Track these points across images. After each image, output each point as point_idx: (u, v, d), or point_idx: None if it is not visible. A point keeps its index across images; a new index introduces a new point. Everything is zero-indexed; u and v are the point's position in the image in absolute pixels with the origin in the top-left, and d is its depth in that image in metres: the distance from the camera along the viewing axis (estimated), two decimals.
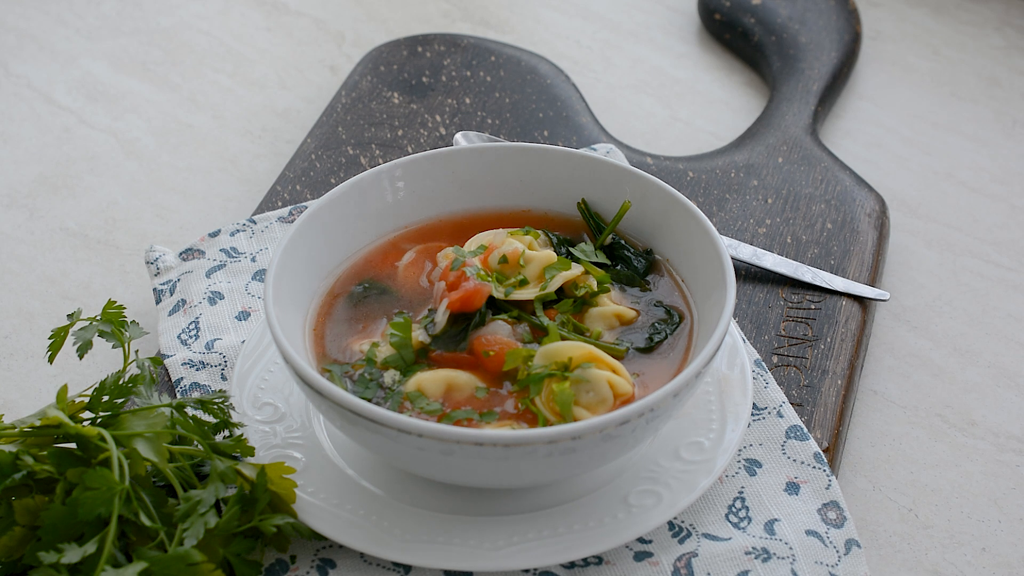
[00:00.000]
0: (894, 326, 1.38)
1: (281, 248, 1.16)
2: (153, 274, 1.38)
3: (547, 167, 1.27)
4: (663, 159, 1.52)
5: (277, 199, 1.47)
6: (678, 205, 1.21)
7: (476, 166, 1.27)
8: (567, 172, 1.26)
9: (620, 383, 1.10)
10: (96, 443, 1.06)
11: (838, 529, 1.13)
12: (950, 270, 1.45)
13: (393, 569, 1.12)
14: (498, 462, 1.03)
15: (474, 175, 1.27)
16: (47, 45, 1.78)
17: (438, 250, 1.24)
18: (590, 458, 1.05)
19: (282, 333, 1.10)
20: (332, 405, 1.05)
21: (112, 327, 1.16)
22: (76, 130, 1.65)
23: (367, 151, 1.53)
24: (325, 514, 1.11)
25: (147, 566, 1.01)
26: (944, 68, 1.73)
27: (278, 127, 1.66)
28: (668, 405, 1.06)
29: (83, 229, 1.51)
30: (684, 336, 1.17)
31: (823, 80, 1.63)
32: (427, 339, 1.16)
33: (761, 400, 1.23)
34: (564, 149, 1.26)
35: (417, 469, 1.08)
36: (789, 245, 1.40)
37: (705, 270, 1.17)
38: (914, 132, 1.64)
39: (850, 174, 1.49)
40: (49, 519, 1.02)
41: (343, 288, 1.22)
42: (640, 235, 1.25)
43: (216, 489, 1.06)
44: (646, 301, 1.20)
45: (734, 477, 1.17)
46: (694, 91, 1.70)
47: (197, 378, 1.26)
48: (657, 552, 1.12)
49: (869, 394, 1.31)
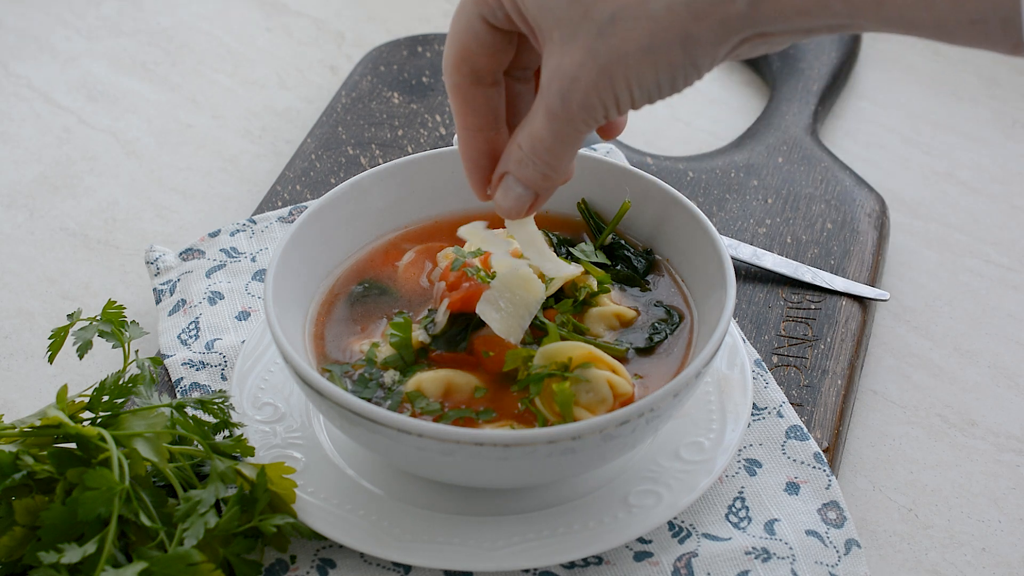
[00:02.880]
0: (894, 326, 1.38)
1: (281, 248, 1.16)
2: (153, 274, 1.38)
3: None
4: (663, 159, 1.52)
5: (277, 199, 1.47)
6: (678, 205, 1.21)
7: None
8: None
9: (620, 383, 1.10)
10: (96, 443, 1.06)
11: (838, 529, 1.13)
12: (950, 270, 1.45)
13: (393, 569, 1.12)
14: (498, 462, 1.03)
15: None
16: (47, 45, 1.78)
17: (438, 250, 1.24)
18: (590, 458, 1.05)
19: (282, 333, 1.10)
20: (332, 405, 1.05)
21: (112, 327, 1.16)
22: (76, 130, 1.65)
23: (367, 151, 1.53)
24: (325, 514, 1.11)
25: (147, 566, 1.01)
26: (944, 68, 1.73)
27: (278, 127, 1.66)
28: (668, 405, 1.06)
29: (83, 229, 1.51)
30: (684, 336, 1.17)
31: (823, 80, 1.63)
32: (427, 339, 1.16)
33: (761, 400, 1.23)
34: None
35: (417, 469, 1.08)
36: (789, 245, 1.40)
37: (705, 270, 1.17)
38: (914, 132, 1.64)
39: (850, 174, 1.49)
40: (49, 519, 1.02)
41: (343, 288, 1.22)
42: (640, 235, 1.25)
43: (216, 489, 1.06)
44: (646, 301, 1.20)
45: (734, 477, 1.17)
46: (694, 91, 1.70)
47: (197, 378, 1.26)
48: (657, 552, 1.12)
49: (869, 394, 1.31)
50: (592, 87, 0.94)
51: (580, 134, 0.98)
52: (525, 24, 0.98)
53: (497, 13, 0.99)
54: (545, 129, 0.98)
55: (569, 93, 0.94)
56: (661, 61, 0.92)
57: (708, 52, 0.92)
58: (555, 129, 0.97)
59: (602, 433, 1.03)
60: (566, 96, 0.95)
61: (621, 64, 0.92)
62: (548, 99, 0.96)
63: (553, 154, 0.99)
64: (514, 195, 1.03)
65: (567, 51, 0.94)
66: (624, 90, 0.93)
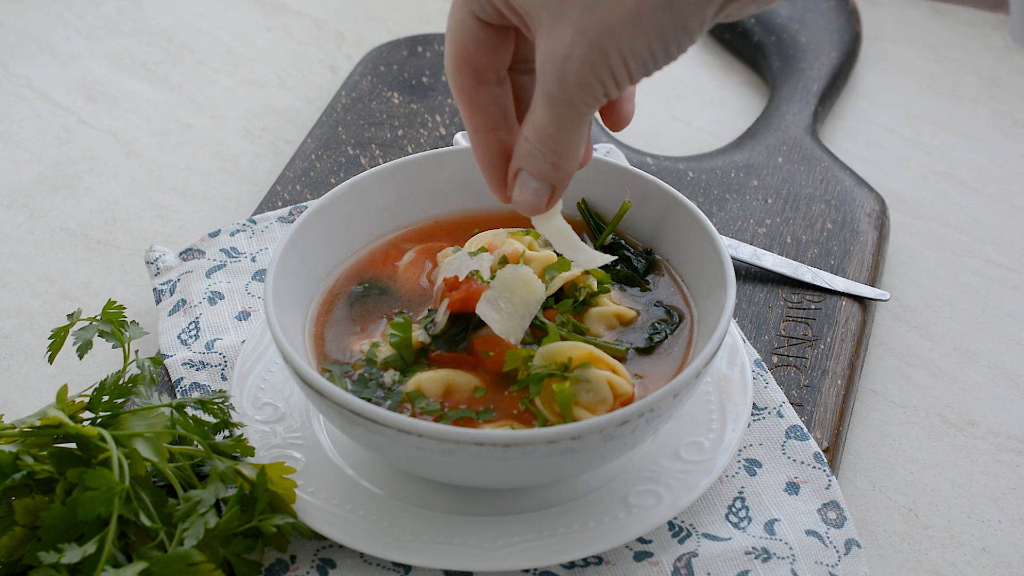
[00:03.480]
0: (894, 326, 1.38)
1: (281, 248, 1.16)
2: (153, 274, 1.38)
3: None
4: (663, 159, 1.52)
5: (277, 199, 1.47)
6: (678, 205, 1.21)
7: (476, 166, 1.27)
8: None
9: (620, 383, 1.10)
10: (96, 443, 1.06)
11: (838, 529, 1.13)
12: (950, 270, 1.45)
13: (393, 569, 1.12)
14: (498, 462, 1.03)
15: (474, 175, 1.27)
16: (47, 45, 1.78)
17: (438, 250, 1.24)
18: (590, 458, 1.05)
19: (282, 333, 1.10)
20: (332, 405, 1.05)
21: (112, 327, 1.16)
22: (76, 130, 1.65)
23: (367, 151, 1.53)
24: (325, 514, 1.11)
25: (147, 566, 1.01)
26: (944, 68, 1.73)
27: (278, 127, 1.66)
28: (668, 405, 1.06)
29: (83, 229, 1.51)
30: (684, 336, 1.17)
31: (823, 80, 1.63)
32: (427, 339, 1.15)
33: (761, 400, 1.23)
34: None
35: (418, 469, 1.08)
36: (789, 245, 1.40)
37: (705, 270, 1.17)
38: (914, 132, 1.64)
39: (850, 174, 1.49)
40: (49, 519, 1.02)
41: (343, 288, 1.22)
42: (640, 235, 1.25)
43: (216, 489, 1.06)
44: (646, 301, 1.20)
45: (734, 477, 1.17)
46: (694, 91, 1.70)
47: (197, 378, 1.26)
48: (657, 552, 1.12)
49: (869, 394, 1.31)
50: (586, 64, 0.92)
51: (583, 116, 0.96)
52: (514, 13, 0.97)
53: (486, 8, 0.98)
54: (547, 116, 0.96)
55: (564, 74, 0.93)
56: (651, 27, 0.90)
57: (696, 12, 0.90)
58: (556, 114, 0.96)
59: (602, 433, 1.03)
60: (561, 77, 0.93)
61: (611, 36, 0.91)
62: (545, 85, 0.95)
63: (559, 141, 0.97)
64: (530, 190, 1.02)
65: (556, 32, 0.93)
66: (619, 62, 0.92)
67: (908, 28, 1.79)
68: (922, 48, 1.76)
